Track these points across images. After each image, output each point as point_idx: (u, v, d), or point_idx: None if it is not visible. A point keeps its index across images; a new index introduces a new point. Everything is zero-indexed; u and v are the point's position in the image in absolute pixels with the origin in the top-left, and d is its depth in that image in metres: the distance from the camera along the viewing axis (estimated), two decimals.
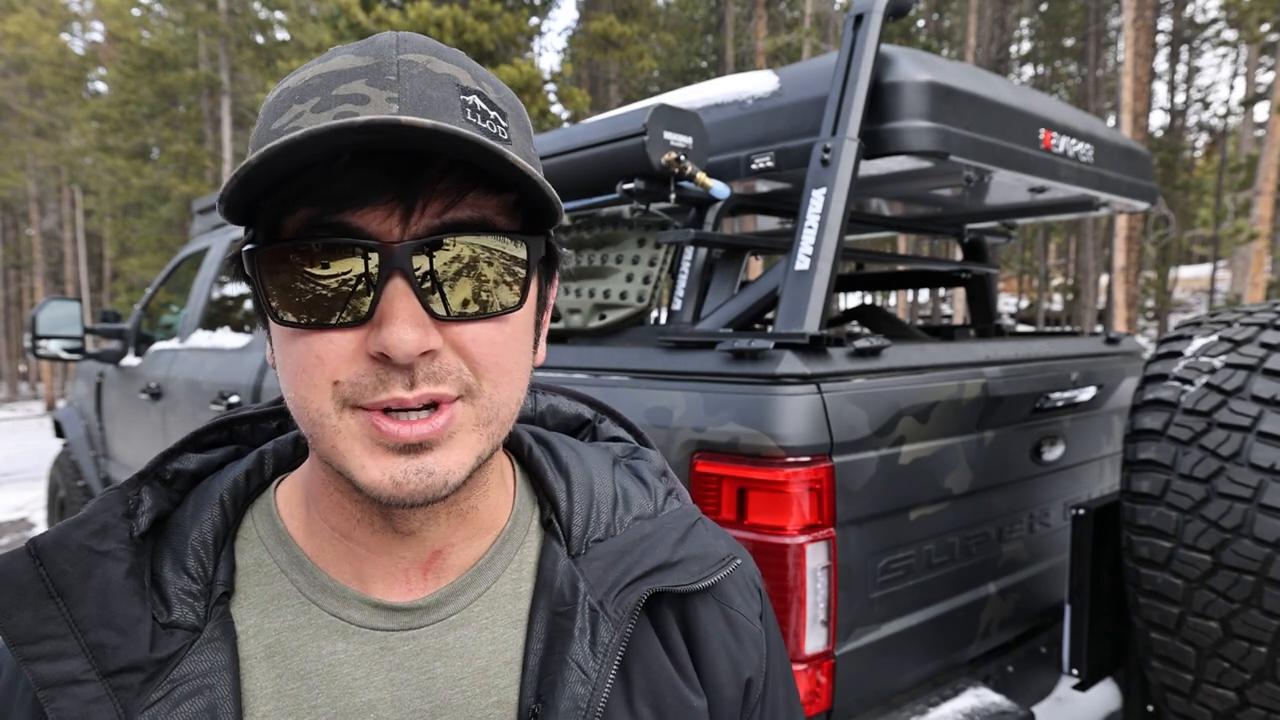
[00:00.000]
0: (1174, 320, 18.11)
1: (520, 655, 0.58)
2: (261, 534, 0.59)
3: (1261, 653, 1.37)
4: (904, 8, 1.72)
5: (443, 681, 0.56)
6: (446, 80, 0.51)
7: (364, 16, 13.13)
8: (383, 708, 0.55)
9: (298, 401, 0.51)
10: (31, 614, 0.51)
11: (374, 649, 0.56)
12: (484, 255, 0.51)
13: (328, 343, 0.49)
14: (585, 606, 0.59)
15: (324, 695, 0.54)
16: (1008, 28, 20.97)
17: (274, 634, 0.55)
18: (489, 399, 0.52)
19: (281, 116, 0.50)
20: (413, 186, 0.49)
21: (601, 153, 1.78)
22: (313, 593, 0.57)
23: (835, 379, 1.44)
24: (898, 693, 1.61)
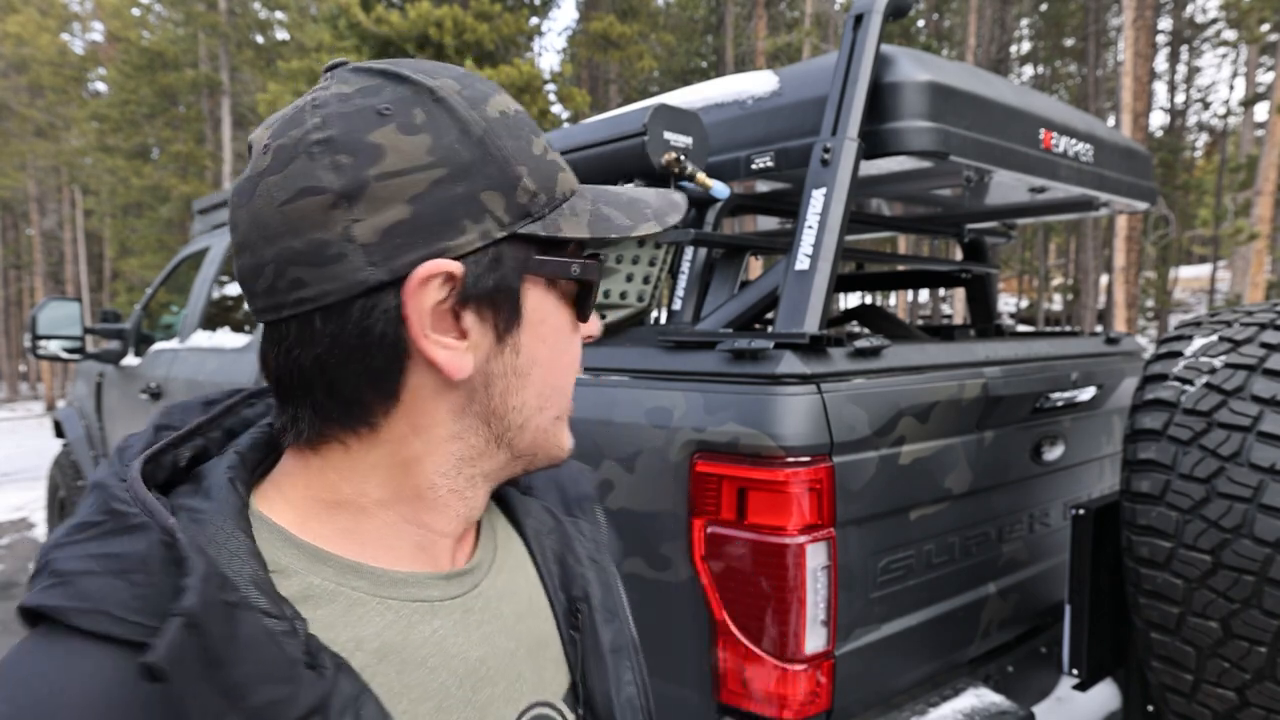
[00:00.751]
0: (1174, 320, 18.11)
1: (538, 576, 0.69)
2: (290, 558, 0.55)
3: (1261, 653, 1.37)
4: (904, 8, 1.71)
5: (512, 619, 0.64)
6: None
7: (364, 16, 13.13)
8: (490, 659, 0.61)
9: (565, 389, 0.63)
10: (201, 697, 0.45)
11: (460, 614, 0.61)
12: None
13: (578, 335, 0.64)
14: (565, 521, 0.74)
15: (444, 670, 0.58)
16: (1008, 28, 20.97)
17: (375, 639, 0.55)
18: None
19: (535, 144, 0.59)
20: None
21: (601, 153, 1.78)
22: (384, 590, 0.57)
23: (835, 379, 1.44)
24: (898, 693, 1.61)
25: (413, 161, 0.53)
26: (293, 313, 0.53)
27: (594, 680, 0.68)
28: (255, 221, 0.53)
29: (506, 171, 0.56)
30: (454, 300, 0.55)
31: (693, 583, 1.44)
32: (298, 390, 0.55)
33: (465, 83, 0.57)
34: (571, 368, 0.63)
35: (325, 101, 0.53)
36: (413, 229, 0.52)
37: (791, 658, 1.37)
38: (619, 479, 1.56)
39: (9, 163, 20.39)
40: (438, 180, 0.53)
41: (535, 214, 0.57)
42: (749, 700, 1.41)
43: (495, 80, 12.93)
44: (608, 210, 0.61)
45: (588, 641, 0.69)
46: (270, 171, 0.52)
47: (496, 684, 0.61)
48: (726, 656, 1.42)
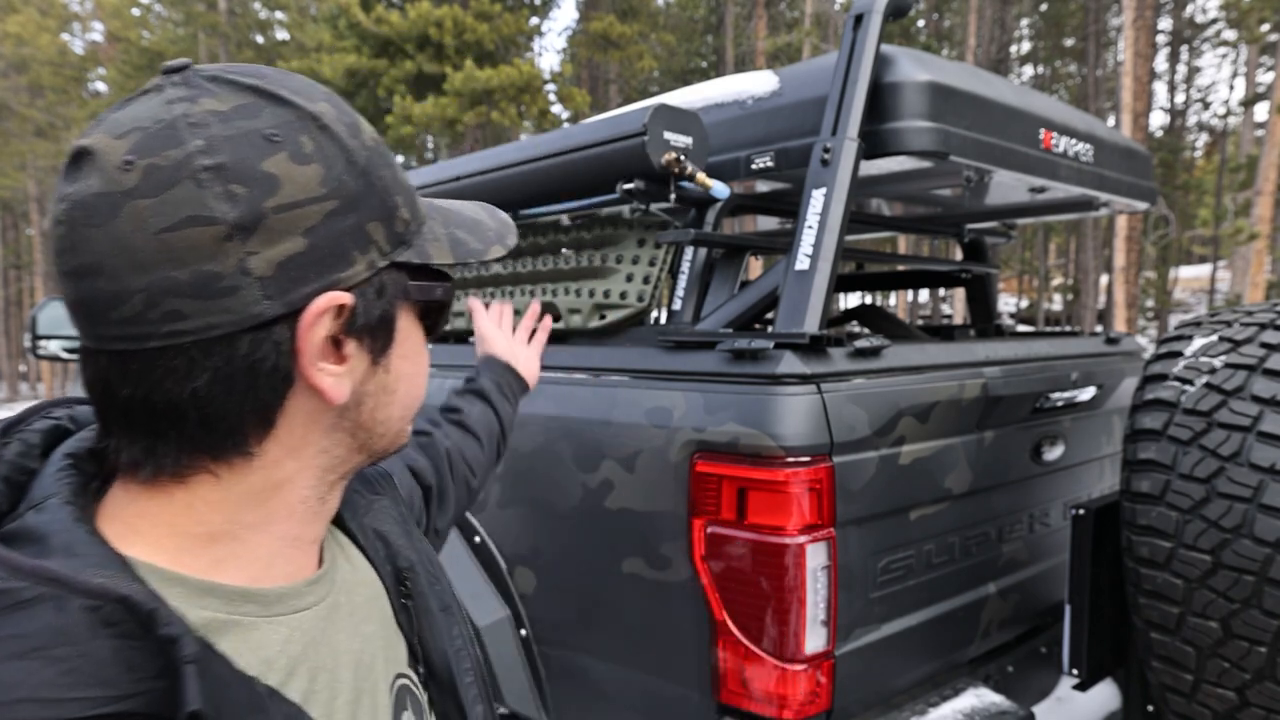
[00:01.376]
0: (1174, 320, 18.11)
1: (365, 557, 0.72)
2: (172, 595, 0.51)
3: (1261, 653, 1.37)
4: (904, 8, 1.71)
5: (364, 604, 0.67)
6: None
7: (364, 16, 13.13)
8: (365, 647, 0.64)
9: (420, 396, 0.66)
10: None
11: (330, 613, 0.63)
12: None
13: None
14: (372, 499, 0.76)
15: (341, 667, 0.61)
16: (1008, 28, 20.96)
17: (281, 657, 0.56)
18: None
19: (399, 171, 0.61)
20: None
21: (601, 153, 1.78)
22: (270, 609, 0.56)
23: (835, 379, 1.44)
24: (898, 693, 1.61)
25: (307, 193, 0.52)
26: (162, 344, 0.49)
27: (429, 639, 0.72)
28: (119, 247, 0.48)
29: (386, 201, 0.57)
30: (342, 330, 0.55)
31: (693, 583, 1.44)
32: (161, 422, 0.51)
33: (339, 107, 0.57)
34: (425, 377, 0.67)
35: (203, 120, 0.50)
36: (307, 262, 0.52)
37: (791, 658, 1.37)
38: (619, 479, 1.56)
39: (9, 163, 20.40)
40: (331, 212, 0.53)
41: (408, 241, 0.59)
42: (749, 700, 1.41)
43: (495, 80, 12.93)
44: (460, 234, 0.65)
45: (419, 604, 0.73)
46: (141, 194, 0.48)
47: (375, 667, 0.64)
48: (726, 656, 1.42)
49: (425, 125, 13.85)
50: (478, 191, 2.11)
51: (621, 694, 1.61)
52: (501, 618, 1.77)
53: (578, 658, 1.68)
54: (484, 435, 1.22)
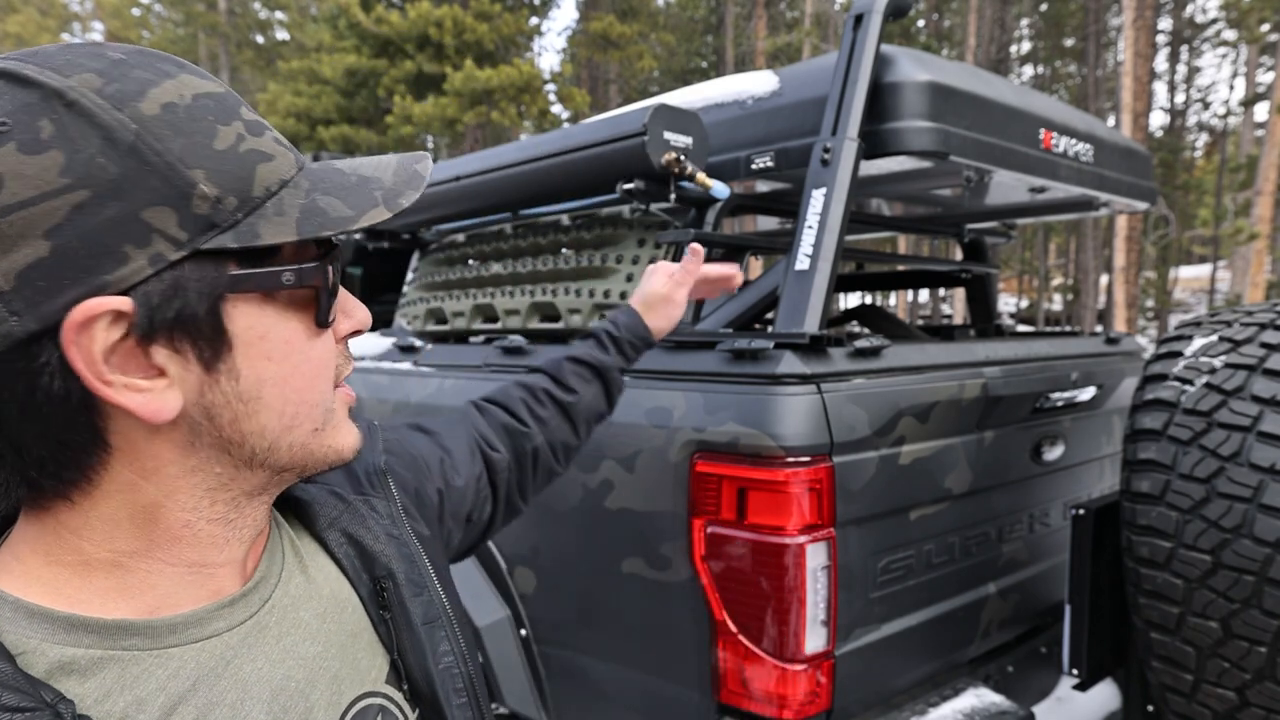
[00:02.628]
0: (1174, 320, 18.11)
1: (337, 567, 0.67)
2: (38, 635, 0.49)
3: (1261, 653, 1.37)
4: (904, 8, 1.71)
5: (314, 622, 0.62)
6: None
7: (364, 16, 13.13)
8: (295, 672, 0.58)
9: (316, 399, 0.57)
10: None
11: (253, 636, 0.58)
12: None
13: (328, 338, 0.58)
14: (355, 501, 0.71)
15: (249, 700, 0.55)
16: (1008, 28, 20.96)
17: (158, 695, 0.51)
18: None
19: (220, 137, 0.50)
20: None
21: (601, 153, 1.78)
22: (160, 641, 0.53)
23: (835, 379, 1.44)
24: (898, 693, 1.61)
25: (41, 187, 0.44)
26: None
27: (410, 655, 0.67)
28: None
29: (174, 180, 0.47)
30: (135, 338, 0.47)
31: (693, 583, 1.44)
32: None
33: (113, 75, 0.47)
34: (319, 376, 0.56)
35: None
36: (56, 267, 0.44)
37: (791, 658, 1.37)
38: (619, 479, 1.56)
39: None
40: (79, 205, 0.44)
41: (223, 223, 0.49)
42: (749, 700, 1.41)
43: (495, 80, 12.92)
44: (325, 201, 0.53)
45: (398, 618, 0.67)
46: None
47: (309, 694, 0.58)
48: (726, 656, 1.42)
49: (425, 125, 13.86)
50: (478, 192, 2.11)
51: (621, 694, 1.61)
52: (501, 618, 1.77)
53: (578, 658, 1.68)
54: (585, 425, 1.12)
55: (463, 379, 1.96)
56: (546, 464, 1.06)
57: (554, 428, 1.07)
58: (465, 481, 0.93)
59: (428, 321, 2.44)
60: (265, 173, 0.51)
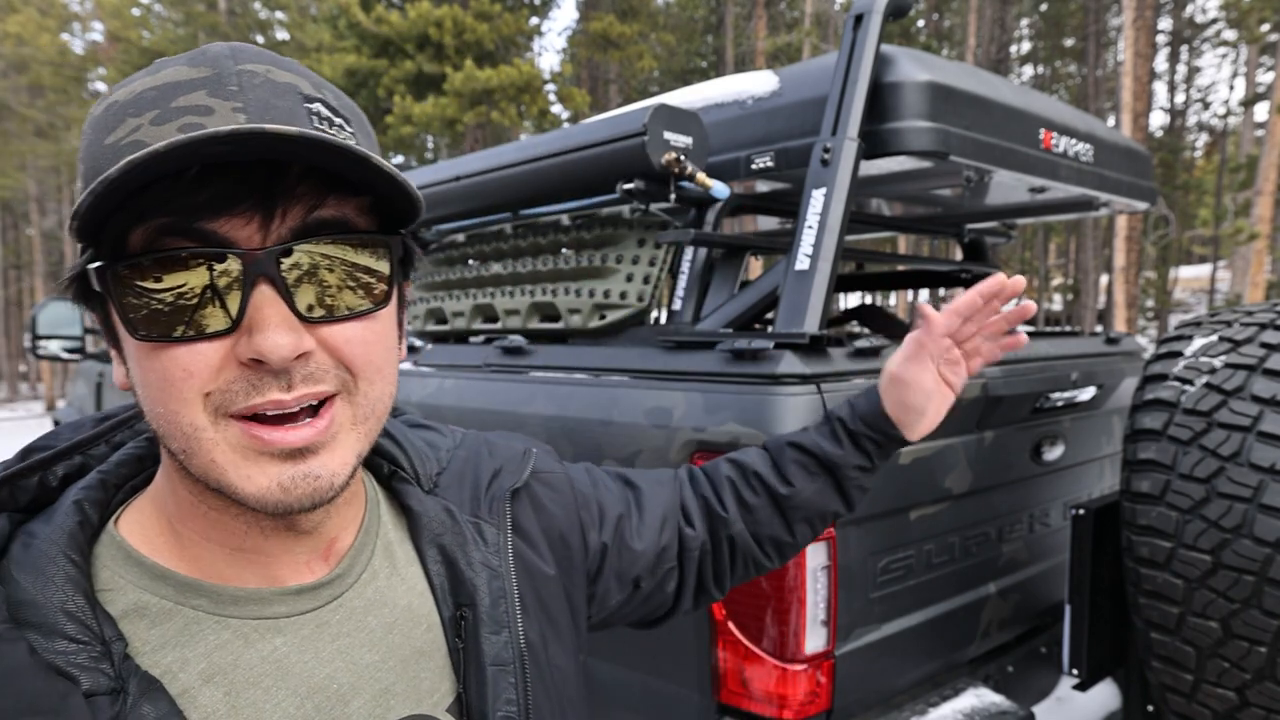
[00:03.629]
0: (1174, 320, 18.11)
1: (426, 584, 0.66)
2: (129, 577, 0.54)
3: (1261, 653, 1.37)
4: (904, 8, 1.71)
5: (380, 630, 0.61)
6: (289, 89, 0.51)
7: (364, 16, 13.12)
8: (341, 675, 0.58)
9: (168, 418, 0.51)
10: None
11: (311, 630, 0.58)
12: (349, 256, 0.52)
13: (195, 354, 0.49)
14: (466, 522, 0.70)
15: (282, 689, 0.55)
16: (1008, 28, 20.96)
17: (201, 659, 0.53)
18: (365, 396, 0.55)
19: (116, 131, 0.49)
20: (271, 193, 0.49)
21: (601, 153, 1.78)
22: (223, 608, 0.55)
23: (835, 379, 1.44)
24: (898, 693, 1.61)
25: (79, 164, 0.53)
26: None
27: (472, 692, 0.65)
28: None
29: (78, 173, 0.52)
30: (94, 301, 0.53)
31: None
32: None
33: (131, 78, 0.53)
34: (164, 392, 0.50)
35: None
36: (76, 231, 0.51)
37: (791, 658, 1.37)
38: None
39: (9, 163, 20.39)
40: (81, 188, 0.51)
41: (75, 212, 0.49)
42: (749, 700, 1.41)
43: (495, 80, 12.93)
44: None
45: (469, 650, 0.65)
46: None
47: (351, 701, 0.58)
48: (726, 656, 1.42)
49: (425, 125, 13.85)
50: (478, 192, 2.11)
51: (622, 694, 1.61)
52: None
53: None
54: (804, 523, 0.96)
55: (462, 379, 1.96)
56: (749, 554, 0.94)
57: (761, 519, 0.94)
58: (646, 547, 0.86)
59: (428, 321, 2.44)
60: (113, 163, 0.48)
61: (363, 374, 0.54)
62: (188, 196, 0.48)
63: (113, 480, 0.58)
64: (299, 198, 0.50)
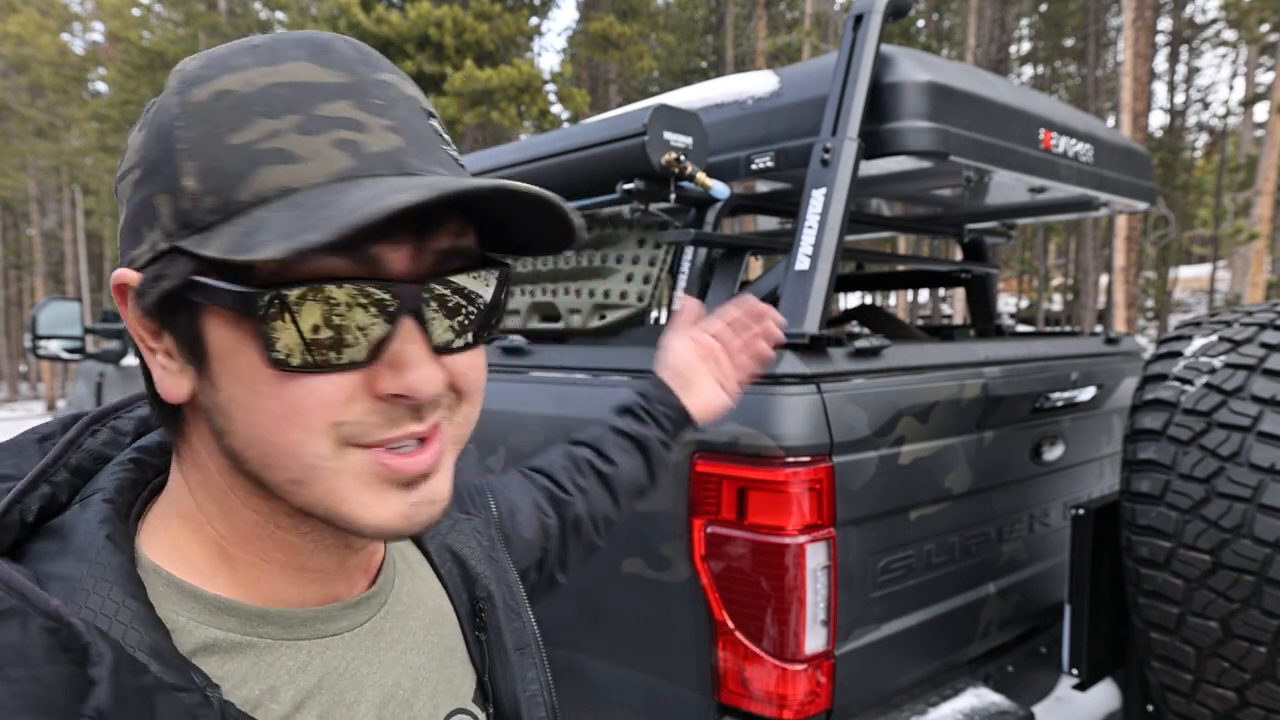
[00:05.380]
0: (1174, 320, 18.11)
1: (439, 582, 0.68)
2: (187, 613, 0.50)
3: (1261, 653, 1.37)
4: (904, 8, 1.71)
5: (420, 632, 0.63)
6: (415, 104, 0.51)
7: (364, 16, 13.12)
8: (404, 679, 0.60)
9: (286, 448, 0.47)
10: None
11: (371, 640, 0.59)
12: (472, 286, 0.51)
13: (330, 385, 0.46)
14: (460, 519, 0.73)
15: (363, 702, 0.56)
16: (1008, 28, 20.96)
17: (289, 687, 0.52)
18: (465, 417, 0.54)
19: (245, 130, 0.45)
20: (425, 220, 0.47)
21: (601, 153, 1.78)
22: (293, 633, 0.54)
23: (835, 379, 1.44)
24: (898, 693, 1.61)
25: (128, 162, 0.50)
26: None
27: (500, 679, 0.67)
28: None
29: (172, 169, 0.46)
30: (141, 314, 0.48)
31: (693, 583, 1.44)
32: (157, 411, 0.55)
33: (217, 61, 0.48)
34: (289, 421, 0.46)
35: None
36: (124, 232, 0.50)
37: (791, 658, 1.37)
38: None
39: (10, 163, 20.40)
40: (136, 181, 0.48)
41: (197, 224, 0.45)
42: (749, 700, 1.41)
43: (495, 80, 12.92)
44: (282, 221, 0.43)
45: (493, 641, 0.68)
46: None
47: (414, 704, 0.59)
48: (726, 656, 1.42)
49: None
50: None
51: (621, 694, 1.61)
52: None
53: (578, 658, 1.68)
54: (625, 497, 1.05)
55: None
56: (587, 535, 1.00)
57: (594, 497, 1.00)
58: (531, 537, 0.89)
59: None
60: (266, 176, 0.44)
61: (469, 398, 0.53)
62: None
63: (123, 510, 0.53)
64: (446, 225, 0.48)
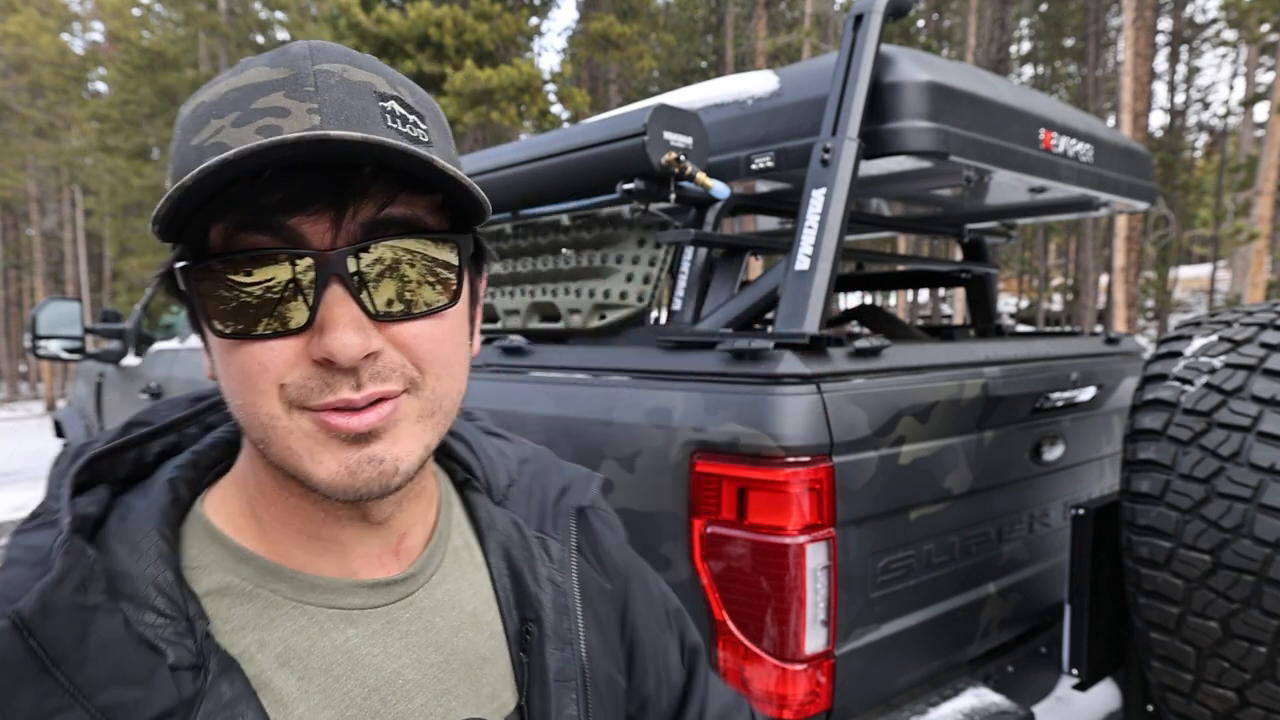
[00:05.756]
0: (1174, 320, 18.10)
1: (493, 592, 0.67)
2: (214, 558, 0.57)
3: (1261, 653, 1.37)
4: (904, 8, 1.71)
5: (446, 632, 0.63)
6: (364, 88, 0.52)
7: (364, 16, 13.12)
8: (407, 671, 0.60)
9: (246, 408, 0.52)
10: (32, 691, 0.47)
11: (381, 624, 0.60)
12: (417, 255, 0.53)
13: (269, 350, 0.51)
14: (532, 537, 0.71)
15: (352, 679, 0.57)
16: (1008, 28, 20.96)
17: (279, 643, 0.56)
18: (432, 391, 0.56)
19: (201, 132, 0.51)
20: (342, 192, 0.50)
21: (601, 153, 1.78)
22: (301, 594, 0.57)
23: (835, 379, 1.44)
24: (898, 693, 1.61)
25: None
26: None
27: (536, 706, 0.65)
28: None
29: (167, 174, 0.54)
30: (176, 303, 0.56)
31: (692, 583, 1.44)
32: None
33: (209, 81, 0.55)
34: (243, 385, 0.52)
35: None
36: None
37: (791, 658, 1.37)
38: (619, 479, 1.56)
39: (9, 163, 20.39)
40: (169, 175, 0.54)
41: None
42: (749, 700, 1.40)
43: (495, 80, 12.92)
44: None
45: (534, 665, 0.66)
46: None
47: (415, 698, 0.59)
48: (726, 656, 1.42)
49: None
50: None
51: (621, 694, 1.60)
52: None
53: None
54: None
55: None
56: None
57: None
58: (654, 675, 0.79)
59: None
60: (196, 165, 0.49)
61: (430, 370, 0.55)
62: (263, 196, 0.49)
63: (204, 461, 0.61)
64: (370, 196, 0.51)
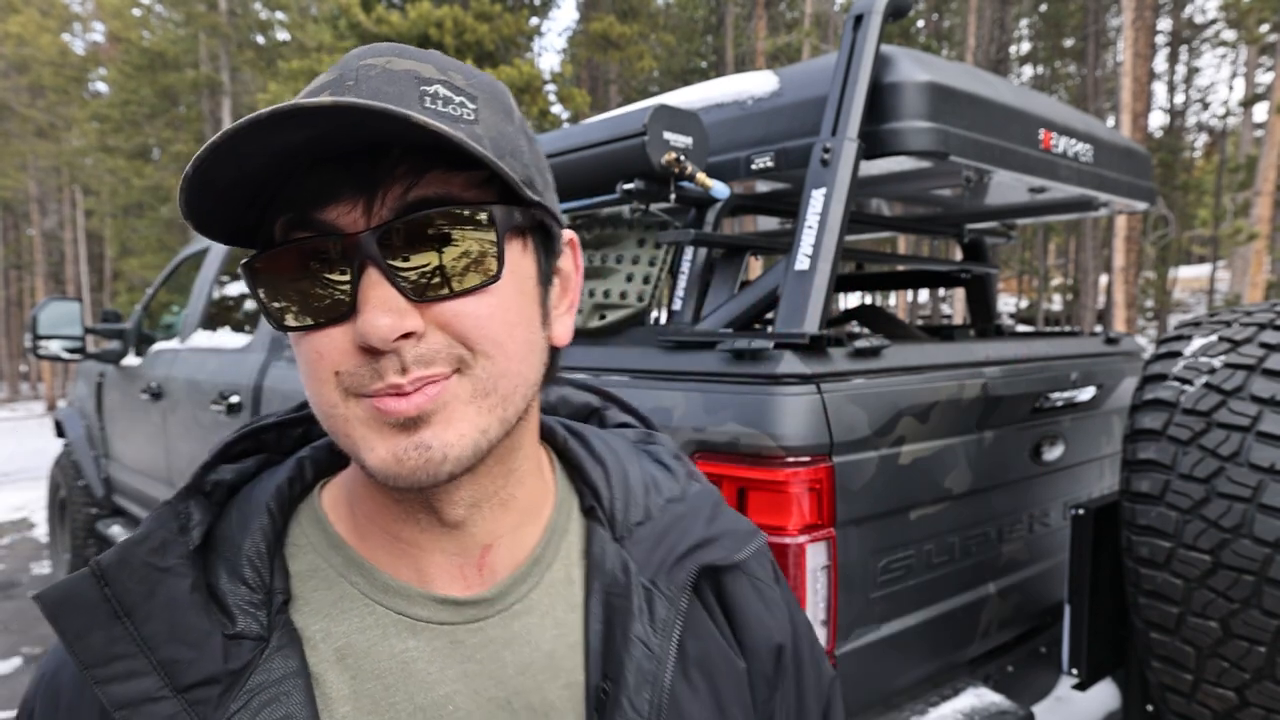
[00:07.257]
0: (1173, 320, 18.10)
1: (582, 638, 0.60)
2: (312, 540, 0.59)
3: (1261, 653, 1.37)
4: (904, 8, 1.72)
5: (513, 669, 0.58)
6: (405, 75, 0.51)
7: (364, 17, 13.12)
8: (460, 699, 0.56)
9: (312, 397, 0.54)
10: (102, 635, 0.50)
11: (444, 643, 0.57)
12: (451, 230, 0.51)
13: (324, 338, 0.51)
14: (639, 586, 0.61)
15: (401, 693, 0.55)
16: (1007, 28, 20.96)
17: (342, 637, 0.56)
18: (484, 371, 0.52)
19: None
20: (371, 176, 0.50)
21: (601, 153, 1.78)
22: (375, 593, 0.57)
23: (835, 379, 1.44)
24: (898, 692, 1.61)
25: None
26: None
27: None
28: None
29: None
30: None
31: None
32: None
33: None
34: (307, 374, 0.53)
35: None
36: None
37: None
38: None
39: (10, 163, 20.39)
40: None
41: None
42: None
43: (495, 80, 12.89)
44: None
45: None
46: None
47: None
48: None
49: None
50: None
51: None
52: None
53: None
54: None
55: None
56: None
57: None
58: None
59: None
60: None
61: (479, 349, 0.52)
62: (299, 192, 0.50)
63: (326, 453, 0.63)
64: (398, 179, 0.50)
